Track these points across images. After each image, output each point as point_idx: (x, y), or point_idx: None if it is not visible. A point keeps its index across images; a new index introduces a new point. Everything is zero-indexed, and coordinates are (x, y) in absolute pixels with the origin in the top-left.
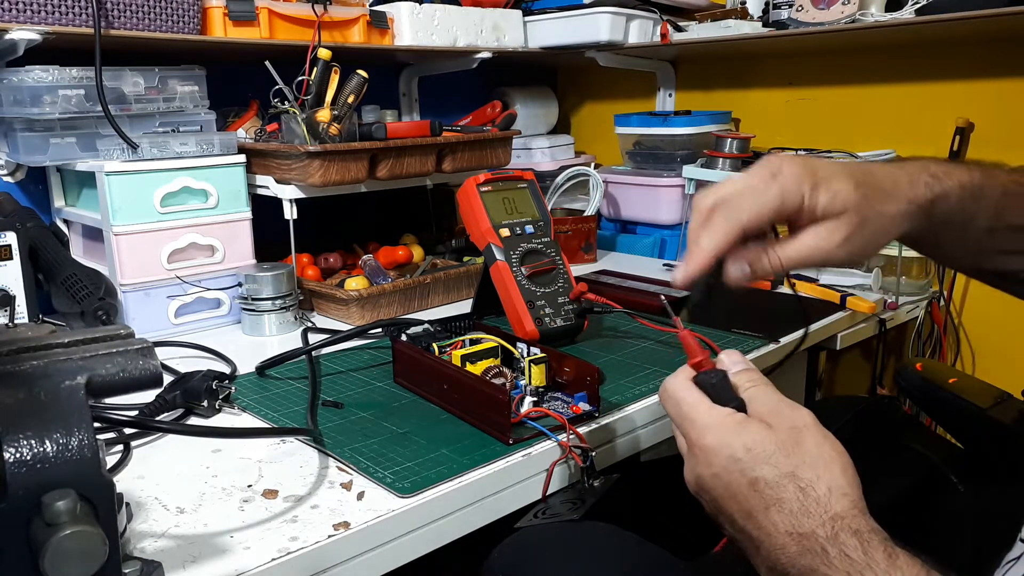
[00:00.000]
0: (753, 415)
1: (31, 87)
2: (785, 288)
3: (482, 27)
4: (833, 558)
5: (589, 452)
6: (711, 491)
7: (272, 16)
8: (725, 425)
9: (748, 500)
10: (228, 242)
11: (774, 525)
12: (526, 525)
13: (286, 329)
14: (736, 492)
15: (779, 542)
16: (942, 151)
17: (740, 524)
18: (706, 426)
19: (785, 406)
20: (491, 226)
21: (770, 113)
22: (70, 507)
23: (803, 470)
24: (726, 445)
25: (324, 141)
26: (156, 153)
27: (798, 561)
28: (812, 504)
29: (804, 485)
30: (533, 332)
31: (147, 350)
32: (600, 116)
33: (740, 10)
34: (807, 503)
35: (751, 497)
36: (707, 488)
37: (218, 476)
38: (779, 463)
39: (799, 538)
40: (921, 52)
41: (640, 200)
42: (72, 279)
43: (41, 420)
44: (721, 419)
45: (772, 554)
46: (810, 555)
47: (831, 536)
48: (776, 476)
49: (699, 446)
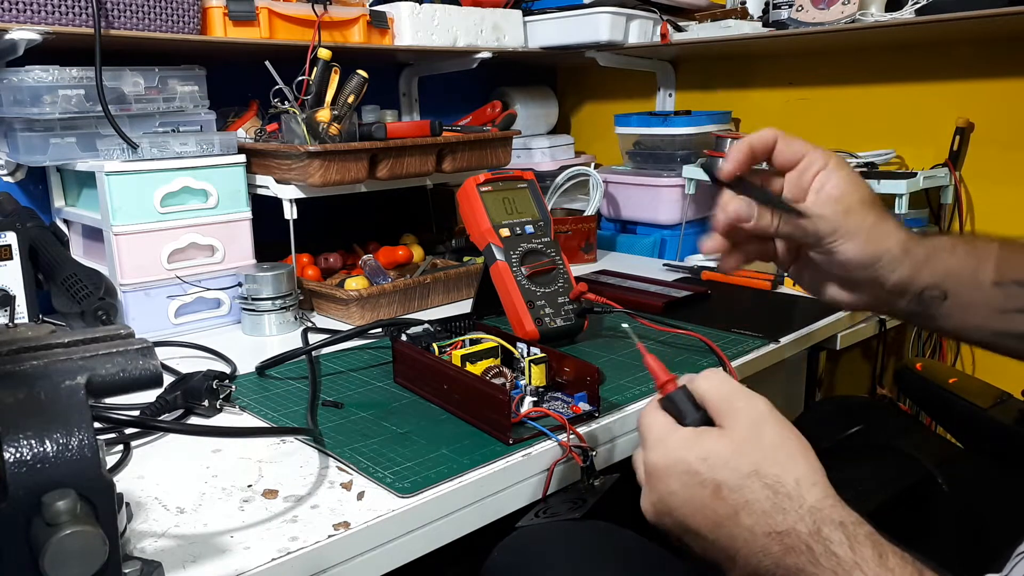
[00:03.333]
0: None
1: (31, 87)
2: (788, 287)
3: (482, 27)
4: (819, 555)
5: (589, 452)
6: (673, 511)
7: (272, 16)
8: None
9: (714, 510)
10: (228, 242)
11: (748, 530)
12: (527, 525)
13: (286, 329)
14: (700, 505)
15: (758, 545)
16: (942, 151)
17: (711, 538)
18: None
19: (739, 397)
20: (491, 226)
21: (770, 113)
22: (70, 507)
23: (765, 466)
24: (679, 460)
25: (324, 141)
26: (156, 153)
27: (783, 561)
28: (784, 500)
29: (771, 481)
30: (533, 332)
31: (147, 350)
32: (600, 116)
33: (740, 10)
34: (778, 500)
35: (717, 506)
36: (669, 509)
37: (218, 476)
38: (738, 465)
39: (779, 537)
40: (921, 52)
41: (640, 200)
42: (72, 279)
43: (41, 420)
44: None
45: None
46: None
47: (813, 532)
48: (738, 478)
49: (656, 469)
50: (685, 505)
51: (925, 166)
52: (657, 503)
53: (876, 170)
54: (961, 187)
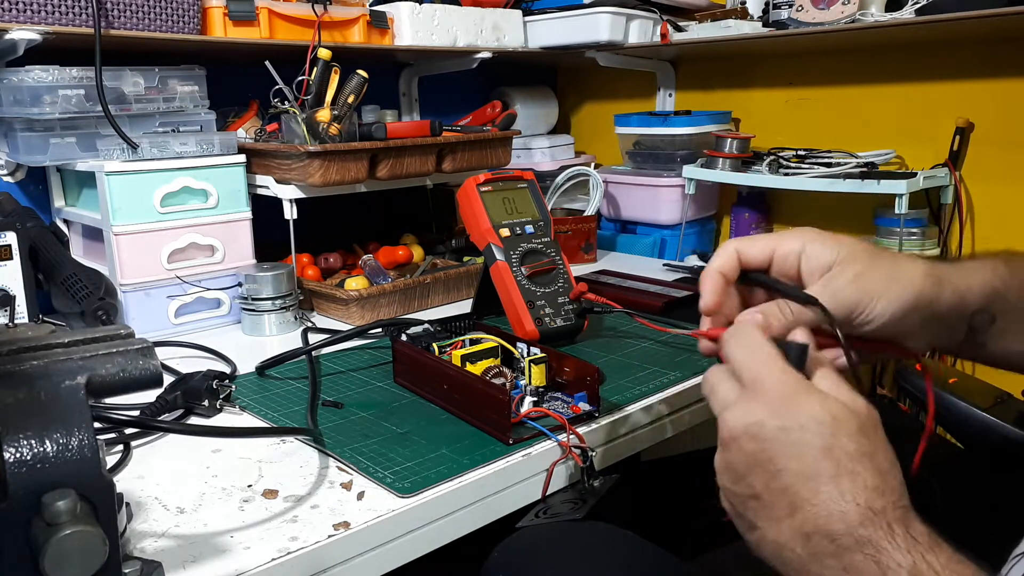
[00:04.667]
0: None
1: (31, 87)
2: None
3: (482, 27)
4: (898, 536)
5: (589, 452)
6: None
7: (272, 16)
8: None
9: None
10: (228, 242)
11: (840, 493)
12: (527, 525)
13: (286, 329)
14: (803, 452)
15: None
16: (942, 151)
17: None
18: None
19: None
20: (491, 226)
21: (770, 113)
22: (70, 507)
23: (880, 457)
24: (809, 405)
25: (324, 141)
26: (156, 153)
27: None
28: (888, 488)
29: (883, 470)
30: (533, 332)
31: (147, 350)
32: (600, 116)
33: (740, 10)
34: (883, 486)
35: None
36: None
37: (218, 476)
38: (861, 442)
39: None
40: (921, 52)
41: (640, 200)
42: (72, 279)
43: (41, 420)
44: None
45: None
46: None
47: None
48: (857, 451)
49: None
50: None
51: (925, 166)
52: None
53: (876, 170)
54: (961, 187)
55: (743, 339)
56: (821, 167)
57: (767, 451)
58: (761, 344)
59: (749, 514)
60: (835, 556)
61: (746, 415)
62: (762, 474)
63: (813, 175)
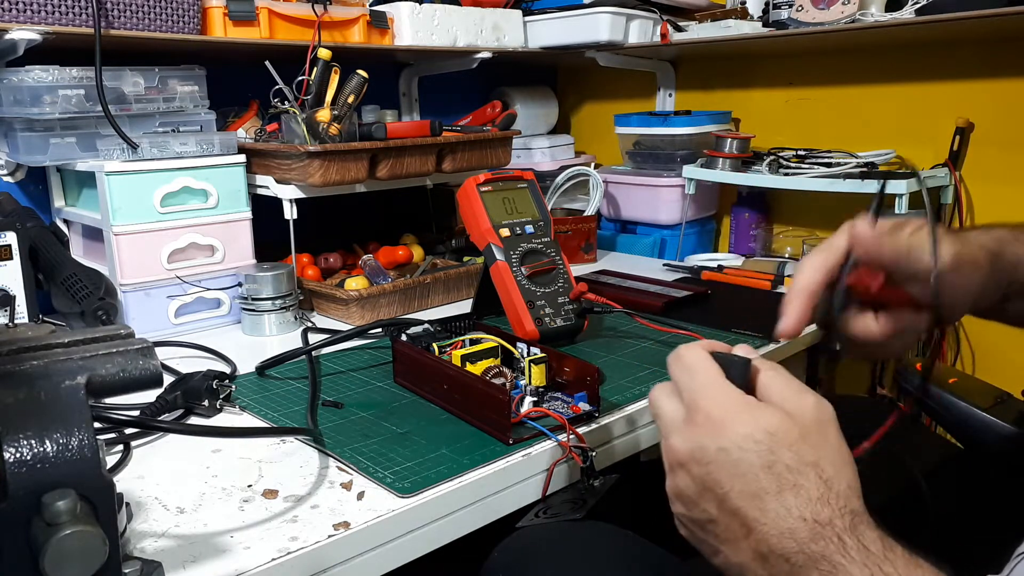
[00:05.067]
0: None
1: (31, 87)
2: (788, 287)
3: (482, 27)
4: (850, 548)
5: (589, 452)
6: (709, 464)
7: (272, 16)
8: (744, 404)
9: (758, 481)
10: (228, 242)
11: (786, 508)
12: (527, 525)
13: (286, 329)
14: (745, 471)
15: (787, 525)
16: (942, 151)
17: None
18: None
19: (810, 394)
20: (491, 226)
21: (770, 113)
22: (70, 507)
23: (826, 464)
24: (744, 423)
25: (324, 141)
26: (156, 153)
27: (809, 546)
28: (833, 497)
29: (826, 478)
30: (533, 332)
31: (147, 350)
32: (600, 116)
33: (740, 10)
34: (828, 495)
35: (763, 478)
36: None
37: (218, 476)
38: (802, 452)
39: (814, 524)
40: (921, 52)
41: (640, 200)
42: (72, 279)
43: (41, 420)
44: (740, 397)
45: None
46: (824, 541)
47: (849, 527)
48: (798, 463)
49: (710, 418)
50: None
51: (925, 166)
52: (700, 450)
53: (876, 170)
54: (961, 187)
55: (684, 359)
56: (821, 167)
57: (712, 474)
58: (701, 364)
59: (709, 539)
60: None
61: (688, 439)
62: (712, 498)
63: (813, 175)
